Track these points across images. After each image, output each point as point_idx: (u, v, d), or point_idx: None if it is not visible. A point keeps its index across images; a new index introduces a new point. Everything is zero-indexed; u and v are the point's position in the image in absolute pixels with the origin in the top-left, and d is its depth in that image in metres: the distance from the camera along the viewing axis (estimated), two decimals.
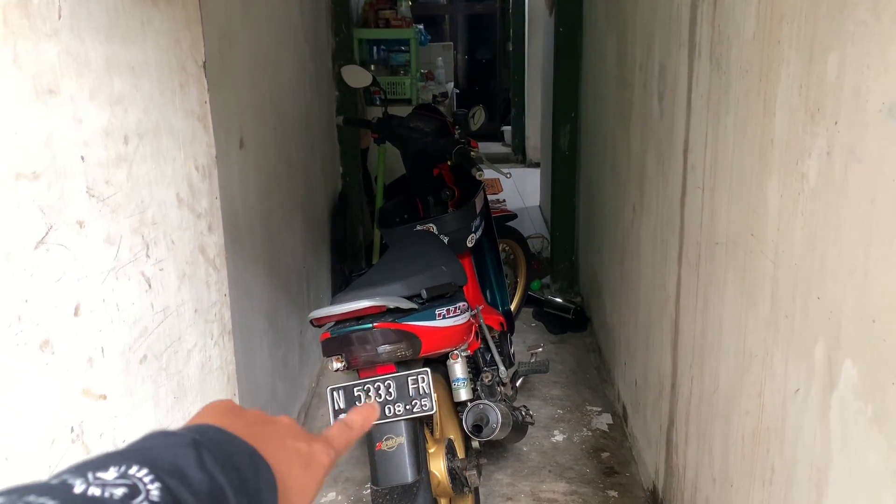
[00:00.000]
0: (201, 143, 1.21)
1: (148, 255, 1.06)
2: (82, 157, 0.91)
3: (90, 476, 0.36)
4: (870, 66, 1.02)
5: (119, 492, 0.36)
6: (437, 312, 1.92)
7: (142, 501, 0.36)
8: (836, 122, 1.12)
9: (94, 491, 0.35)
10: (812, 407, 1.21)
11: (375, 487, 1.77)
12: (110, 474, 0.37)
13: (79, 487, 0.35)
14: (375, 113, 3.72)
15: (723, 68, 1.65)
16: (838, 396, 1.12)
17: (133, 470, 0.37)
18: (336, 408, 1.79)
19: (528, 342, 3.69)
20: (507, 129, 8.87)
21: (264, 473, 0.44)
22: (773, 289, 1.37)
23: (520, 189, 7.05)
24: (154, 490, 0.37)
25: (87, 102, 0.91)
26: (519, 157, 8.39)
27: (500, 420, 1.96)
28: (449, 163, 2.75)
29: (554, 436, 2.90)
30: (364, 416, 0.58)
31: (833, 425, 1.14)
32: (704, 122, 1.80)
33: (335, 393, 1.79)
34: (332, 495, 2.57)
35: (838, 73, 1.11)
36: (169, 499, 0.37)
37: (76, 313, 0.89)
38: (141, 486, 0.36)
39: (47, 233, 0.85)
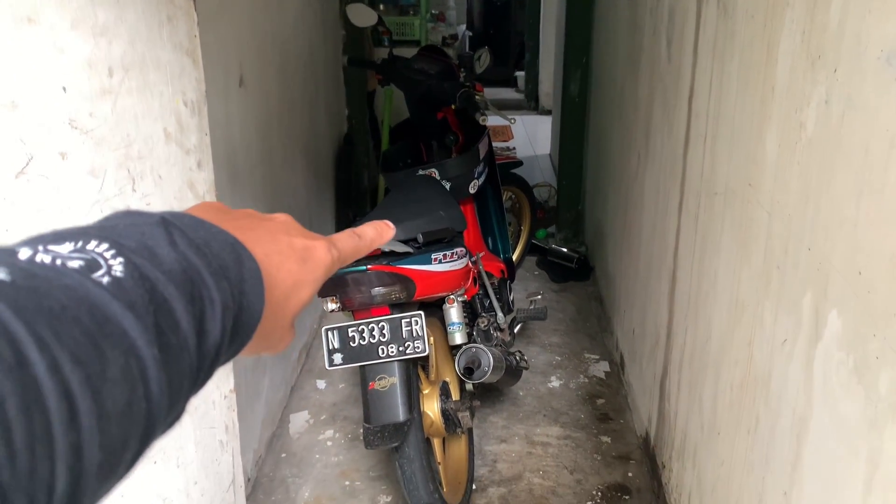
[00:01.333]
0: (190, 77, 1.20)
1: (134, 189, 1.05)
2: (64, 88, 0.90)
3: (40, 247, 0.31)
4: (871, 10, 0.99)
5: (75, 263, 0.30)
6: (433, 257, 1.92)
7: (102, 276, 0.30)
8: (835, 70, 1.09)
9: (43, 258, 0.30)
10: (797, 358, 1.21)
11: (368, 425, 1.80)
12: (65, 248, 0.31)
13: (24, 254, 0.30)
14: (383, 54, 3.67)
15: (729, 13, 1.61)
16: (822, 347, 1.12)
17: (92, 245, 0.32)
18: (330, 347, 1.81)
19: (531, 290, 3.70)
20: (520, 74, 8.73)
21: (247, 263, 0.39)
22: (767, 240, 1.36)
23: (531, 137, 6.99)
24: (117, 265, 0.31)
25: (69, 32, 0.90)
26: (532, 104, 8.28)
27: (491, 363, 1.98)
28: (453, 107, 2.72)
29: (550, 382, 2.93)
30: (377, 229, 0.53)
31: (816, 376, 1.14)
32: (710, 68, 1.76)
33: (329, 333, 1.81)
34: (329, 432, 2.62)
35: (840, 18, 1.08)
36: (135, 274, 0.32)
37: None
38: (101, 260, 0.31)
39: (28, 163, 0.84)
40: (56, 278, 0.29)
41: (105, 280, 0.30)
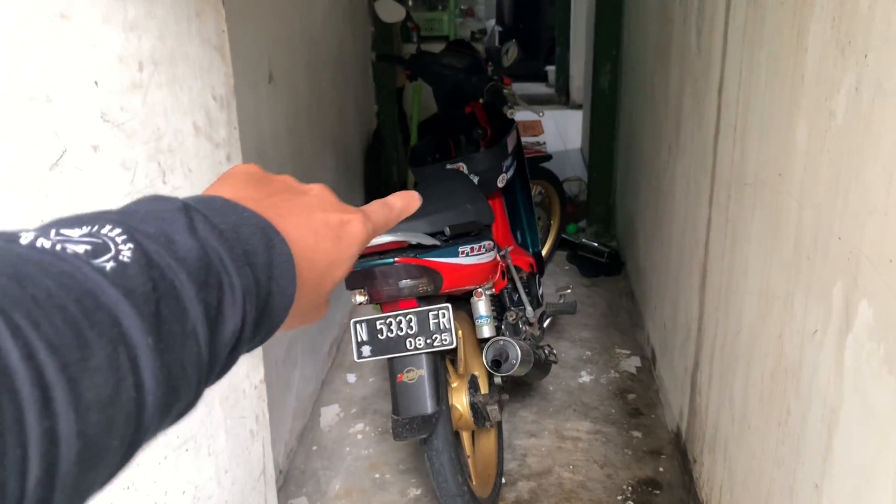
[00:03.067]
0: (219, 72, 1.22)
1: (164, 182, 1.08)
2: (96, 83, 0.93)
3: (52, 232, 0.30)
4: None
5: (80, 248, 0.30)
6: (460, 250, 1.93)
7: (107, 261, 0.30)
8: (865, 56, 1.07)
9: (44, 243, 0.29)
10: (828, 348, 1.20)
11: (396, 417, 1.82)
12: (75, 232, 0.31)
13: (26, 238, 0.30)
14: (411, 50, 3.68)
15: (759, 1, 1.59)
16: (853, 337, 1.11)
17: (105, 229, 0.31)
18: (359, 340, 1.83)
19: (560, 285, 3.69)
20: (550, 68, 8.69)
21: (278, 247, 0.38)
22: (797, 229, 1.35)
23: (562, 131, 6.95)
24: (125, 251, 0.31)
25: (100, 27, 0.93)
26: (563, 98, 8.23)
27: (519, 356, 1.98)
28: (481, 100, 2.72)
29: (581, 376, 2.92)
30: (405, 200, 0.53)
31: (847, 366, 1.13)
32: (739, 57, 1.74)
33: (358, 325, 1.83)
34: (360, 426, 2.64)
35: (871, 2, 1.06)
36: (142, 260, 0.31)
37: None
38: (111, 245, 0.31)
39: (62, 155, 0.87)
40: (52, 264, 0.29)
41: (108, 266, 0.30)
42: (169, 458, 1.14)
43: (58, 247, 0.30)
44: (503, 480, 2.32)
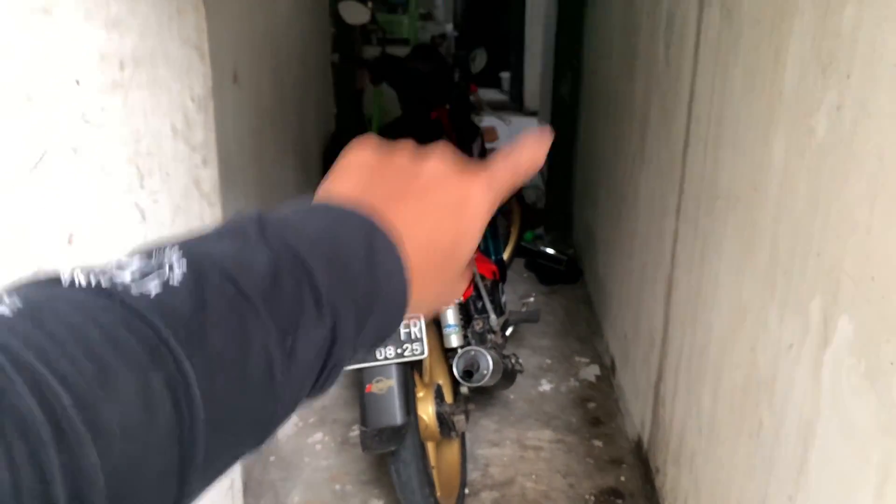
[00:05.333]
0: (198, 73, 1.18)
1: (142, 186, 1.03)
2: (77, 82, 0.88)
3: (100, 267, 0.29)
4: (888, 17, 1.00)
5: (127, 277, 0.29)
6: None
7: (155, 285, 0.29)
8: (848, 76, 1.10)
9: (81, 280, 0.28)
10: (804, 362, 1.22)
11: (364, 428, 1.78)
12: (133, 261, 0.30)
13: (66, 277, 0.28)
14: (371, 53, 3.65)
15: (734, 18, 1.61)
16: (832, 352, 1.13)
17: (165, 254, 0.30)
18: None
19: (520, 292, 3.70)
20: (504, 75, 8.74)
21: (381, 245, 0.36)
22: (773, 244, 1.37)
23: (516, 137, 6.99)
24: (178, 272, 0.29)
25: (83, 24, 0.88)
26: (516, 104, 8.29)
27: (490, 366, 1.97)
28: (447, 107, 2.71)
29: (541, 385, 2.92)
30: (532, 151, 0.47)
31: (824, 381, 1.15)
32: (711, 73, 1.77)
33: None
34: (318, 436, 2.59)
35: (854, 25, 1.08)
36: (193, 281, 0.29)
37: (70, 241, 0.88)
38: (164, 268, 0.29)
39: (41, 157, 0.82)
40: (85, 300, 0.28)
41: (154, 290, 0.29)
42: None
43: (100, 280, 0.28)
44: (466, 491, 2.30)
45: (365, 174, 0.42)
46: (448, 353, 2.17)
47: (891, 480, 0.96)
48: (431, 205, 0.41)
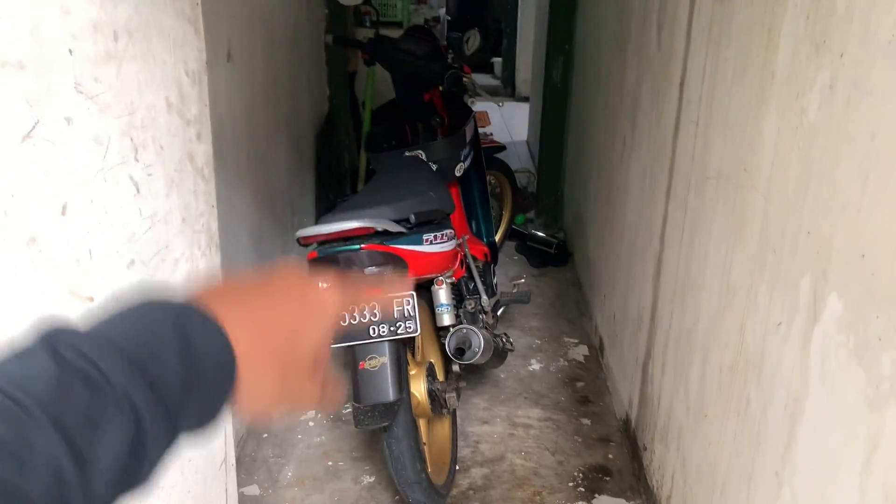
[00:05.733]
0: (192, 46, 1.17)
1: (136, 159, 1.03)
2: (70, 51, 0.87)
3: None
4: None
5: None
6: (424, 238, 1.91)
7: None
8: (841, 55, 1.10)
9: None
10: (793, 340, 1.23)
11: (357, 405, 1.80)
12: None
13: None
14: (364, 34, 3.63)
15: None
16: (821, 329, 1.14)
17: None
18: None
19: (511, 275, 3.71)
20: (497, 60, 8.71)
21: (198, 338, 0.38)
22: (763, 224, 1.38)
23: (508, 123, 6.97)
24: None
25: None
26: (508, 90, 8.27)
27: (482, 344, 1.98)
28: (440, 88, 2.70)
29: (531, 365, 2.95)
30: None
31: (813, 358, 1.16)
32: (703, 54, 1.77)
33: None
34: (311, 413, 2.60)
35: (848, 4, 1.09)
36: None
37: (63, 212, 0.88)
38: None
39: (34, 126, 0.82)
40: None
41: None
42: None
43: None
44: (457, 467, 2.32)
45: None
46: (440, 332, 2.19)
47: (878, 454, 0.98)
48: (268, 296, 0.44)
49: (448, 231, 2.04)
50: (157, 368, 0.36)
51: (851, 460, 1.04)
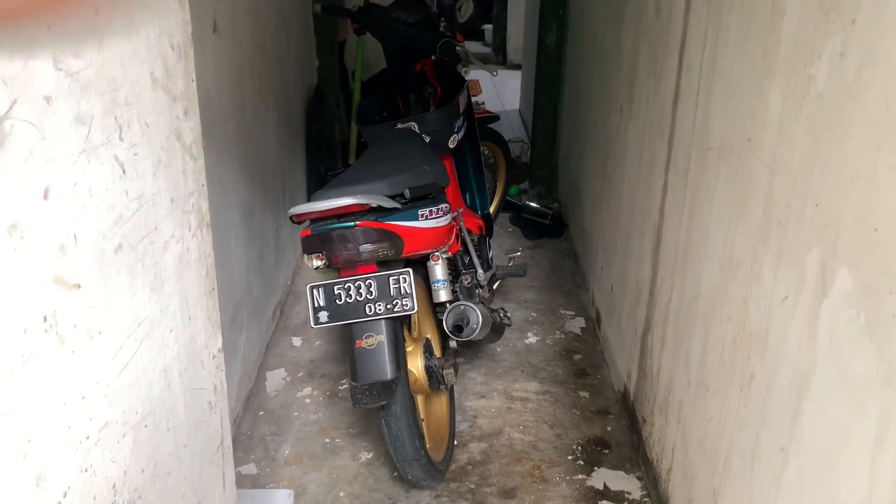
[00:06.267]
0: (177, 19, 1.12)
1: (121, 139, 0.98)
2: (48, 26, 0.83)
3: None
4: None
5: None
6: (419, 213, 1.88)
7: None
8: (853, 21, 1.06)
9: None
10: (800, 315, 1.21)
11: (355, 384, 1.77)
12: None
13: None
14: (354, 2, 3.54)
15: None
16: (829, 304, 1.11)
17: None
18: (316, 305, 1.77)
19: (505, 247, 3.69)
20: (487, 27, 8.59)
21: None
22: (767, 195, 1.35)
23: (500, 91, 6.90)
24: None
25: None
26: (499, 58, 8.17)
27: (480, 321, 1.95)
28: (433, 58, 2.64)
29: (527, 338, 2.93)
30: None
31: (821, 333, 1.14)
32: (704, 20, 1.73)
33: (315, 290, 1.76)
34: (307, 390, 2.59)
35: None
36: None
37: (46, 196, 0.83)
38: None
39: (11, 106, 0.77)
40: None
41: None
42: (128, 435, 1.06)
43: None
44: (455, 442, 2.31)
45: None
46: (437, 308, 2.16)
47: (890, 432, 0.96)
48: None
49: (443, 206, 2.00)
50: None
51: (862, 438, 1.02)
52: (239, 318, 2.38)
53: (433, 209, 1.92)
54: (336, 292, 1.74)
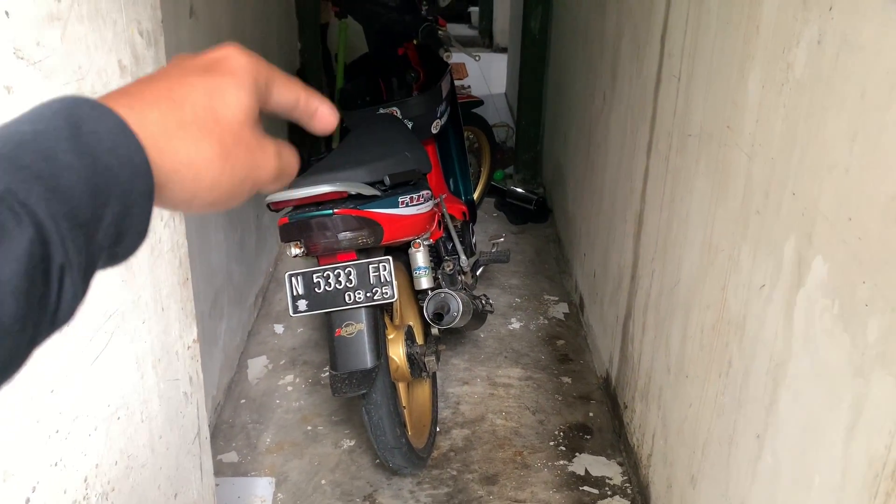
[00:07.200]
0: (146, 4, 1.10)
1: None
2: (7, 13, 0.80)
3: None
4: None
5: None
6: (400, 200, 1.86)
7: None
8: (830, 8, 1.05)
9: None
10: (776, 302, 1.21)
11: (335, 373, 1.76)
12: None
13: None
14: None
15: None
16: (805, 293, 1.12)
17: None
18: (294, 294, 1.75)
19: (490, 232, 3.67)
20: (474, 9, 8.53)
21: (93, 132, 0.33)
22: (746, 183, 1.34)
23: (486, 75, 6.84)
24: None
25: None
26: (486, 41, 8.12)
27: (460, 308, 1.95)
28: (415, 42, 2.62)
29: (511, 323, 2.93)
30: (324, 115, 0.46)
31: (797, 321, 1.14)
32: (686, 5, 1.71)
33: (294, 279, 1.75)
34: (289, 377, 2.58)
35: None
36: None
37: None
38: None
39: None
40: None
41: None
42: (99, 428, 1.05)
43: None
44: (437, 429, 2.31)
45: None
46: (419, 295, 2.15)
47: (862, 421, 0.96)
48: (179, 72, 0.39)
49: (425, 192, 1.99)
50: (48, 165, 0.31)
51: (835, 426, 1.02)
52: (219, 306, 2.36)
53: (414, 196, 1.91)
54: (315, 280, 1.73)
